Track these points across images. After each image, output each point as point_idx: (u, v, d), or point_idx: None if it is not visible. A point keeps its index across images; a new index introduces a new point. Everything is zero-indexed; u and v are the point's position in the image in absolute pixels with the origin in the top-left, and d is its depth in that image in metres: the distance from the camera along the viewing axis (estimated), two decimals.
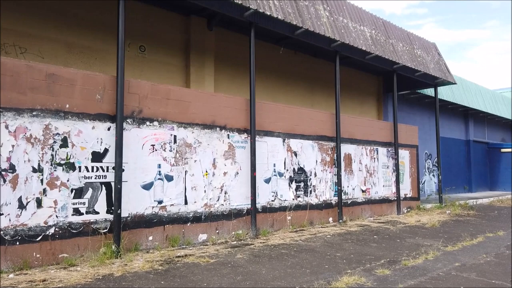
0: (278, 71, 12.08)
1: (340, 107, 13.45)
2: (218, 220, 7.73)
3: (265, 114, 8.83)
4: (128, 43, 8.82)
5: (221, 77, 10.44)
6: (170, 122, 7.09)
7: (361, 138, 11.47)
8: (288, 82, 12.37)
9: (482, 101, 22.20)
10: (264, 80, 11.63)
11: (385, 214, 12.03)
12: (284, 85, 12.26)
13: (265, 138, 8.79)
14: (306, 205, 9.60)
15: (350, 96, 14.68)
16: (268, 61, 11.71)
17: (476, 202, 17.05)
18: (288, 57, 12.36)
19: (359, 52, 11.02)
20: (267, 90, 11.68)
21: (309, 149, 9.85)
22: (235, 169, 8.10)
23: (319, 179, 10.05)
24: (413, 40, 13.57)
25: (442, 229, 9.59)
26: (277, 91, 11.99)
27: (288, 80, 12.37)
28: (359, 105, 15.12)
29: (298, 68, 12.68)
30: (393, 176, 12.44)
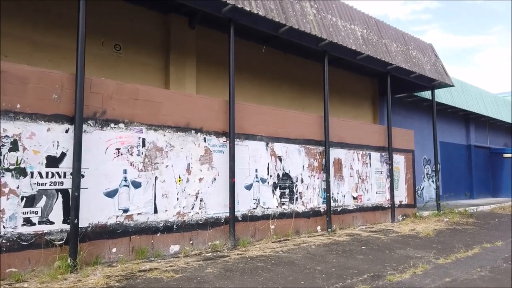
0: (267, 73, 11.59)
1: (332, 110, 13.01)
2: (193, 230, 7.20)
3: (246, 117, 8.32)
4: (102, 42, 8.36)
5: (204, 78, 9.95)
6: (138, 124, 6.59)
7: (352, 142, 10.92)
8: (277, 84, 11.87)
9: (483, 104, 21.60)
10: (252, 81, 11.14)
11: (378, 222, 11.44)
12: (272, 87, 11.76)
13: (246, 141, 8.27)
14: (291, 213, 9.05)
15: (344, 99, 14.16)
16: (256, 62, 11.23)
17: (477, 209, 16.42)
18: (277, 58, 11.87)
19: (350, 52, 10.51)
20: (254, 92, 11.18)
21: (295, 154, 9.31)
22: (212, 175, 7.58)
23: (306, 185, 9.50)
24: (408, 41, 13.06)
25: (436, 239, 9.01)
26: (265, 93, 11.49)
27: (277, 82, 11.87)
28: (353, 109, 14.59)
29: (288, 70, 12.19)
30: (387, 182, 11.87)
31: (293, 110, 10.38)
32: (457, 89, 19.47)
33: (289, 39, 9.28)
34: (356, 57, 10.84)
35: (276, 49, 11.70)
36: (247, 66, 11.01)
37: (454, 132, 21.23)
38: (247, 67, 11.00)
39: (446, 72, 14.26)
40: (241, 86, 10.83)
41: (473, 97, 20.85)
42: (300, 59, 12.42)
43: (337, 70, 13.68)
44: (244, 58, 10.87)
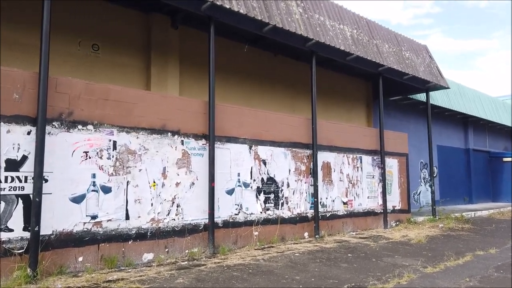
0: (256, 75, 11.28)
1: (325, 113, 12.71)
2: (168, 237, 6.86)
3: (228, 119, 8.00)
4: (79, 41, 8.08)
5: (187, 80, 9.65)
6: (108, 126, 6.27)
7: (342, 146, 10.58)
8: (267, 86, 11.56)
9: (482, 108, 21.24)
10: (240, 83, 10.84)
11: (370, 228, 11.07)
12: (262, 89, 11.45)
13: (228, 144, 7.94)
14: (276, 219, 8.70)
15: (336, 102, 13.84)
16: (244, 63, 10.93)
17: (475, 215, 16.03)
18: (267, 60, 11.58)
19: (338, 53, 10.20)
20: (243, 94, 10.87)
21: (281, 157, 8.98)
22: (191, 179, 7.25)
23: (293, 190, 9.16)
24: (401, 42, 12.75)
25: (428, 246, 8.64)
26: (254, 96, 11.18)
27: (267, 84, 11.56)
28: (346, 112, 14.26)
29: (278, 72, 11.88)
30: (379, 186, 11.51)
31: (281, 112, 10.05)
32: (454, 91, 19.14)
33: (275, 39, 8.99)
34: (345, 58, 10.53)
35: (265, 50, 11.40)
36: (235, 67, 10.72)
37: (452, 135, 20.86)
38: (235, 69, 10.71)
39: (441, 74, 13.93)
40: (229, 88, 10.55)
41: (471, 100, 20.50)
42: (291, 61, 12.12)
43: (330, 72, 13.37)
44: (232, 59, 10.60)
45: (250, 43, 10.80)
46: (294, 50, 10.76)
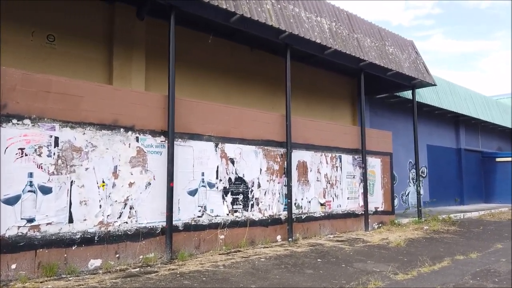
0: (234, 70, 10.76)
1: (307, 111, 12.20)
2: (120, 242, 6.34)
3: (191, 114, 7.49)
4: (32, 31, 7.55)
5: (155, 74, 9.12)
6: (50, 121, 5.75)
7: (320, 144, 10.08)
8: (245, 82, 11.03)
9: (473, 106, 20.77)
10: (217, 79, 10.32)
11: (350, 231, 10.56)
12: (240, 85, 10.93)
13: (191, 142, 7.43)
14: (245, 221, 8.18)
15: (319, 100, 13.33)
16: (222, 58, 10.42)
17: (464, 216, 15.54)
18: (244, 55, 11.06)
19: (315, 47, 9.70)
20: (220, 91, 10.35)
21: (251, 156, 8.47)
22: (147, 179, 6.73)
23: (264, 190, 8.65)
24: (385, 36, 12.26)
25: (406, 250, 8.14)
26: (232, 91, 10.65)
27: (245, 80, 11.04)
28: (330, 109, 13.75)
29: (257, 67, 11.35)
30: (360, 187, 11.01)
31: (260, 109, 9.54)
32: (444, 90, 18.67)
33: (245, 30, 8.49)
34: (323, 52, 10.03)
35: (242, 44, 10.89)
36: (212, 63, 10.21)
37: (443, 135, 20.37)
38: (212, 64, 10.20)
39: (428, 70, 13.45)
40: (205, 84, 10.05)
41: (462, 98, 20.03)
42: (269, 56, 11.60)
43: (312, 69, 12.88)
44: (208, 54, 10.09)
45: (226, 37, 10.31)
46: (271, 44, 10.26)
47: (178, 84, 9.31)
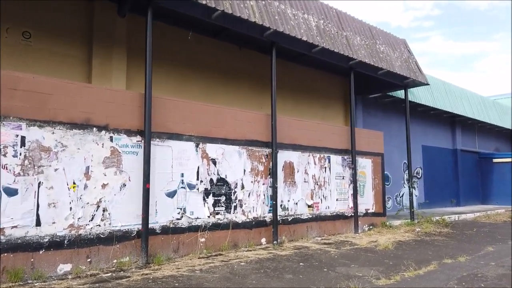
0: (220, 70, 10.53)
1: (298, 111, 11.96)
2: (92, 246, 6.10)
3: (170, 113, 7.26)
4: (6, 28, 7.32)
5: (137, 73, 8.86)
6: (16, 120, 5.52)
7: (308, 144, 9.84)
8: (232, 82, 10.80)
9: (469, 106, 20.52)
10: (203, 79, 10.08)
11: (339, 233, 10.32)
12: (227, 85, 10.69)
13: (170, 142, 7.19)
14: (228, 224, 7.94)
15: (310, 99, 13.10)
16: (206, 57, 10.18)
17: (458, 218, 15.29)
18: (232, 54, 10.82)
19: (302, 44, 9.47)
20: (206, 90, 10.11)
21: (235, 156, 8.23)
22: (122, 180, 6.49)
23: (248, 192, 8.41)
24: (375, 35, 12.02)
25: (393, 253, 7.89)
26: (218, 92, 10.41)
27: (232, 80, 10.80)
28: (321, 109, 13.51)
29: (245, 67, 11.11)
30: (350, 188, 10.76)
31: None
32: (439, 90, 18.45)
33: (227, 27, 8.28)
34: (311, 50, 9.80)
35: (229, 42, 10.66)
36: (198, 62, 9.98)
37: (438, 135, 20.13)
38: (197, 63, 9.97)
39: (420, 69, 13.22)
40: (190, 83, 9.82)
41: (458, 98, 19.79)
42: (258, 55, 11.36)
43: (303, 68, 12.66)
44: (191, 52, 9.86)
45: (213, 35, 10.08)
46: (258, 42, 10.02)
47: (161, 83, 9.12)
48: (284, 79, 12.25)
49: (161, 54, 9.35)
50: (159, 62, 9.32)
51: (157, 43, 9.23)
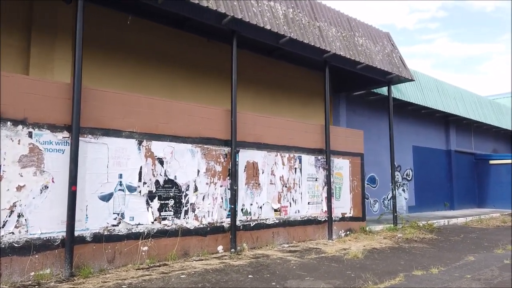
0: (183, 63, 9.79)
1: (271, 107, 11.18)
2: (3, 256, 5.33)
3: (106, 107, 6.51)
4: None
5: (86, 64, 8.14)
6: None
7: (275, 143, 9.06)
8: (197, 76, 10.04)
9: (463, 106, 19.66)
10: (161, 71, 9.35)
11: (310, 239, 9.51)
12: (190, 79, 9.95)
13: (105, 139, 6.43)
14: (177, 230, 7.16)
15: (288, 96, 12.33)
16: (168, 49, 9.46)
17: (448, 223, 14.43)
18: (199, 46, 10.08)
19: (267, 34, 8.72)
20: (169, 84, 9.40)
21: (187, 156, 7.46)
22: (43, 182, 5.73)
23: (203, 194, 7.63)
24: (355, 27, 11.24)
25: (360, 263, 7.09)
26: (183, 87, 9.68)
27: (197, 74, 10.05)
28: (300, 107, 12.73)
29: (213, 60, 10.36)
30: (324, 191, 9.96)
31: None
32: (430, 87, 17.62)
33: (176, 12, 7.52)
34: (278, 41, 9.05)
35: (196, 34, 9.92)
36: (157, 53, 9.26)
37: (431, 135, 19.26)
38: (156, 55, 9.25)
39: (405, 64, 12.41)
40: (146, 76, 9.10)
41: (451, 97, 18.94)
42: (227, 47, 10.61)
43: (281, 63, 11.93)
44: (148, 42, 9.14)
45: (175, 25, 9.36)
46: (225, 34, 9.26)
47: (114, 76, 8.41)
48: (260, 75, 11.51)
49: (119, 46, 8.65)
50: (113, 54, 8.60)
51: (115, 34, 8.56)
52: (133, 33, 8.85)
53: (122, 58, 8.74)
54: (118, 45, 8.71)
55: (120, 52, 8.72)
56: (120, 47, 8.72)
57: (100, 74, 8.33)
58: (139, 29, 8.93)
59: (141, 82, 9.00)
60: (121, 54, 8.73)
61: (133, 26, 8.69)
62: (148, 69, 9.14)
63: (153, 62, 9.23)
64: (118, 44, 8.70)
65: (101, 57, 8.44)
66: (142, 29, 9.01)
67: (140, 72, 9.02)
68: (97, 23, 8.29)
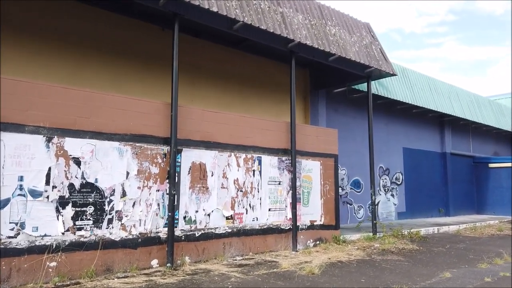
0: (135, 53, 8.85)
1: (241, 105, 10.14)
2: None
3: (3, 97, 5.51)
4: None
5: (10, 52, 7.21)
6: None
7: (229, 142, 8.02)
8: (152, 68, 9.07)
9: (459, 105, 18.48)
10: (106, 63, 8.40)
11: (271, 251, 8.42)
12: (144, 72, 8.98)
13: (1, 134, 5.43)
14: (97, 242, 6.13)
15: (261, 93, 11.30)
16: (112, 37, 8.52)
17: (439, 231, 13.25)
18: (153, 36, 9.11)
19: (216, 18, 7.71)
20: (113, 77, 8.45)
21: (113, 155, 6.44)
22: None
23: (133, 200, 6.59)
24: (327, 15, 10.20)
25: (312, 281, 6.00)
26: (122, 79, 8.69)
27: (152, 66, 9.07)
28: (275, 104, 11.69)
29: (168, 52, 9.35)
30: (289, 196, 8.88)
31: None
32: (422, 86, 16.49)
33: None
34: (232, 27, 8.04)
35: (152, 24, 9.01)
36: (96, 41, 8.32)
37: (424, 137, 18.08)
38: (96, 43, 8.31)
39: (386, 57, 11.33)
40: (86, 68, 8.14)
41: (445, 96, 17.78)
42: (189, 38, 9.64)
43: (253, 57, 10.96)
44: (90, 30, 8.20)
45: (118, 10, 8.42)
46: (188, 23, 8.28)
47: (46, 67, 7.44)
48: (227, 69, 10.53)
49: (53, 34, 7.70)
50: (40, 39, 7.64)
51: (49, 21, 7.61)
52: (73, 19, 7.92)
53: (58, 47, 7.78)
54: (53, 33, 7.76)
55: (56, 41, 7.76)
56: (55, 35, 7.77)
57: (33, 64, 7.37)
58: (78, 16, 8.00)
59: (83, 75, 8.05)
60: (57, 43, 7.77)
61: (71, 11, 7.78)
62: (89, 60, 8.18)
63: (93, 52, 8.26)
64: (52, 32, 7.75)
65: (29, 44, 7.48)
66: (81, 15, 8.07)
67: (81, 64, 8.08)
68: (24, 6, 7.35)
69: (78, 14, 8.08)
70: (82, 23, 8.13)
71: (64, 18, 7.91)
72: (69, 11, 7.96)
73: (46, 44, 7.66)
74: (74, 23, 8.02)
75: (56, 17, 7.80)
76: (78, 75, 7.99)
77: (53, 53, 7.74)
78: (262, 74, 11.32)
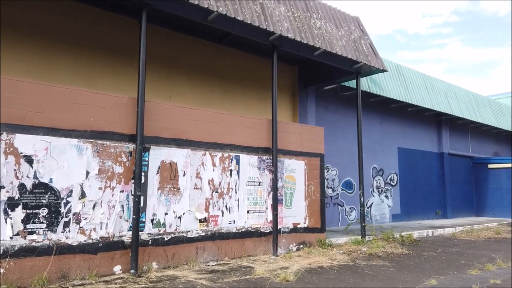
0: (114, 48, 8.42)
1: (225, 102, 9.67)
2: None
3: None
4: None
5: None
6: None
7: (203, 140, 7.54)
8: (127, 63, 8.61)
9: (457, 104, 17.94)
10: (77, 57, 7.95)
11: (249, 255, 7.93)
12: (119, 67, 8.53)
13: None
14: (51, 247, 5.66)
15: (246, 90, 10.83)
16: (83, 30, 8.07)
17: (433, 233, 12.73)
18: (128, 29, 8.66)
19: (191, 9, 7.25)
20: (80, 70, 8.00)
21: (70, 153, 5.98)
22: None
23: (94, 202, 6.12)
24: (312, 8, 9.72)
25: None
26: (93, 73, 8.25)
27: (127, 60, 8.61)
28: (259, 102, 11.21)
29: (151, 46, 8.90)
30: (269, 197, 8.40)
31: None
32: (417, 84, 15.97)
33: None
34: (206, 18, 7.57)
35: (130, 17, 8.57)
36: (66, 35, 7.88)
37: (420, 137, 17.55)
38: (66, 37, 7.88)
39: (375, 52, 10.83)
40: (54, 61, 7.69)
41: (442, 94, 17.25)
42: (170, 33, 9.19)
43: (239, 53, 10.52)
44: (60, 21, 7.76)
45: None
46: (165, 16, 7.83)
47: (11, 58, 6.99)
48: (209, 65, 10.07)
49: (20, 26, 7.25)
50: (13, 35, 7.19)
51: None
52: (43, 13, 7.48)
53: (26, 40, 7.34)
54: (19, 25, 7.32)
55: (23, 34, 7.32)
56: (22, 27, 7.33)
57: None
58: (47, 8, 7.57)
59: (51, 69, 7.60)
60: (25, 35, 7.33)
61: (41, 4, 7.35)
62: (58, 54, 7.73)
63: (63, 46, 7.81)
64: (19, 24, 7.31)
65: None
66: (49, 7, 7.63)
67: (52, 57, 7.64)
68: None
69: (48, 8, 7.64)
70: (58, 17, 7.68)
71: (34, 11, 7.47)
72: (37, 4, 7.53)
73: (12, 37, 7.21)
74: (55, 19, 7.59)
75: (24, 10, 7.35)
76: (46, 69, 7.54)
77: (20, 46, 7.29)
78: (247, 70, 10.86)
